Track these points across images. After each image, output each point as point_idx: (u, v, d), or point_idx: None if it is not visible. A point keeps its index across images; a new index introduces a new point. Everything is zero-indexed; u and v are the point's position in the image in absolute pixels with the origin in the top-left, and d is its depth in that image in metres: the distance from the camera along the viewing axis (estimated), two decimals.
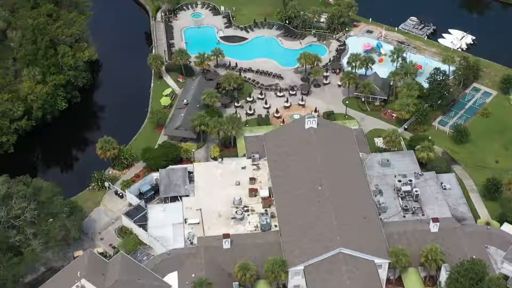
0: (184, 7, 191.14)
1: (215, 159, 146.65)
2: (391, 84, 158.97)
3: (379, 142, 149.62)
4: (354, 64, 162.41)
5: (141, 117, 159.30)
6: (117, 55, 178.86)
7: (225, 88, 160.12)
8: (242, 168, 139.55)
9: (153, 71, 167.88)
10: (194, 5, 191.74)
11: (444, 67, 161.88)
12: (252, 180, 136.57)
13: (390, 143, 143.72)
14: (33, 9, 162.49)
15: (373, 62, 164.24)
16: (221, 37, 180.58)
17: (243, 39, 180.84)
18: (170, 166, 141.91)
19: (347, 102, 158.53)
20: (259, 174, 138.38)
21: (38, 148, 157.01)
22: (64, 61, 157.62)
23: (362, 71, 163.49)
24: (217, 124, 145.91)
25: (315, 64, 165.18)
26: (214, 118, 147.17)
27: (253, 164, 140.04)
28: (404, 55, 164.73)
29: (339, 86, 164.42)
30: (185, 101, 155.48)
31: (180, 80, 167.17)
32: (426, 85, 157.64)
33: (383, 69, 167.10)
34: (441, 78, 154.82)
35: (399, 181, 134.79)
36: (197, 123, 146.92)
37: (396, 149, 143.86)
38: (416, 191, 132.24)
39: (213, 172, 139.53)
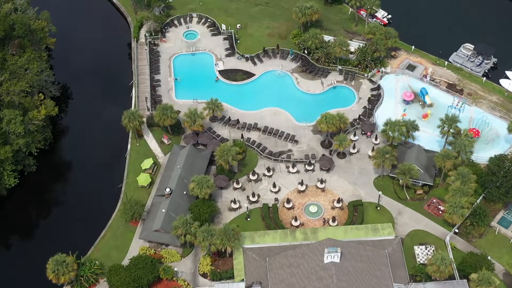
0: (176, 22, 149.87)
1: (204, 276, 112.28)
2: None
3: (420, 253, 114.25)
4: (392, 135, 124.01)
5: (113, 197, 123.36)
6: (90, 88, 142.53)
7: (221, 165, 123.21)
8: None
9: (130, 132, 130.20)
10: (188, 19, 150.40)
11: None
12: None
13: (437, 273, 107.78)
14: None
15: (416, 129, 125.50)
16: (220, 72, 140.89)
17: (249, 74, 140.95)
18: None
19: (380, 193, 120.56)
20: None
21: None
22: (10, 129, 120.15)
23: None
24: (207, 236, 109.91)
25: (339, 127, 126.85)
26: (203, 227, 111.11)
27: None
28: (457, 124, 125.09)
29: (370, 157, 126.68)
30: (167, 190, 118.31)
31: (165, 141, 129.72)
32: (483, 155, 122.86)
33: (428, 131, 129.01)
34: (507, 167, 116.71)
35: None
36: (181, 232, 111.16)
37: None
38: None
39: None
